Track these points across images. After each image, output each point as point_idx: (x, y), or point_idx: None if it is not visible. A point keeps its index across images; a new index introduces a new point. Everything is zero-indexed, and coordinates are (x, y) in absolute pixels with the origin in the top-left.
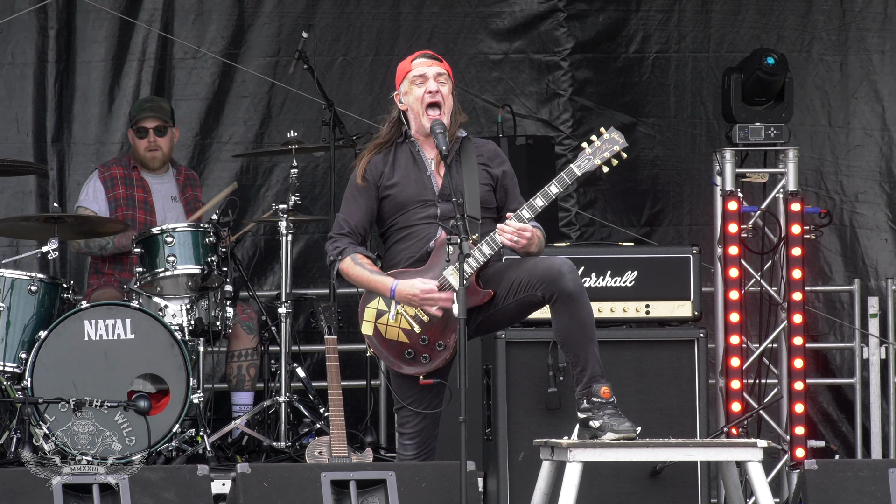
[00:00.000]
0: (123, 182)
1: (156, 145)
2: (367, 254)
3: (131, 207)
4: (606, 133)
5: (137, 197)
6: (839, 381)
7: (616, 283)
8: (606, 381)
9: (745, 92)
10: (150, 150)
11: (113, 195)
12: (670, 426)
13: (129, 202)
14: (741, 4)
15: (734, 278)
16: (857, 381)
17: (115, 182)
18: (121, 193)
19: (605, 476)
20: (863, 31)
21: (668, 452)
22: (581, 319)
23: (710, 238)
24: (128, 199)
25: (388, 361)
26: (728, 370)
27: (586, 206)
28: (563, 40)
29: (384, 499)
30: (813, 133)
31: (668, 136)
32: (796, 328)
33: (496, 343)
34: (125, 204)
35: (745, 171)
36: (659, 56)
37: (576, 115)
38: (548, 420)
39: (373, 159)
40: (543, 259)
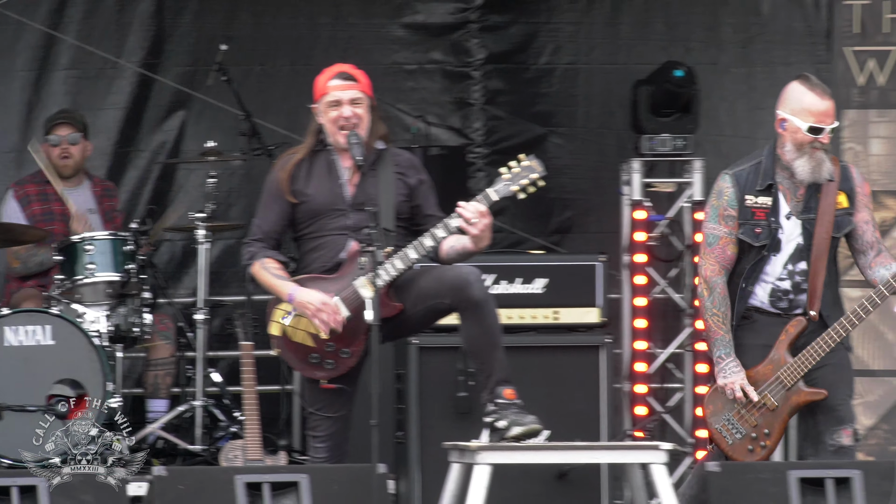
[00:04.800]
0: (39, 198)
1: (68, 152)
2: (278, 258)
3: (50, 221)
4: (525, 160)
5: (55, 210)
6: None
7: (525, 289)
8: (512, 385)
9: (653, 104)
10: (62, 157)
11: (30, 212)
12: (577, 429)
13: (46, 216)
14: (650, 18)
15: (640, 285)
16: None
17: (30, 199)
18: (37, 210)
19: (513, 478)
20: (768, 44)
21: (574, 455)
22: (488, 326)
23: (617, 246)
24: (45, 214)
25: (292, 363)
26: (633, 375)
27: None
28: (475, 51)
29: (297, 501)
30: (719, 143)
31: (578, 145)
32: (700, 334)
33: (408, 349)
34: (43, 219)
35: (653, 180)
36: (569, 67)
37: (488, 124)
38: (458, 424)
39: (289, 167)
40: (451, 268)
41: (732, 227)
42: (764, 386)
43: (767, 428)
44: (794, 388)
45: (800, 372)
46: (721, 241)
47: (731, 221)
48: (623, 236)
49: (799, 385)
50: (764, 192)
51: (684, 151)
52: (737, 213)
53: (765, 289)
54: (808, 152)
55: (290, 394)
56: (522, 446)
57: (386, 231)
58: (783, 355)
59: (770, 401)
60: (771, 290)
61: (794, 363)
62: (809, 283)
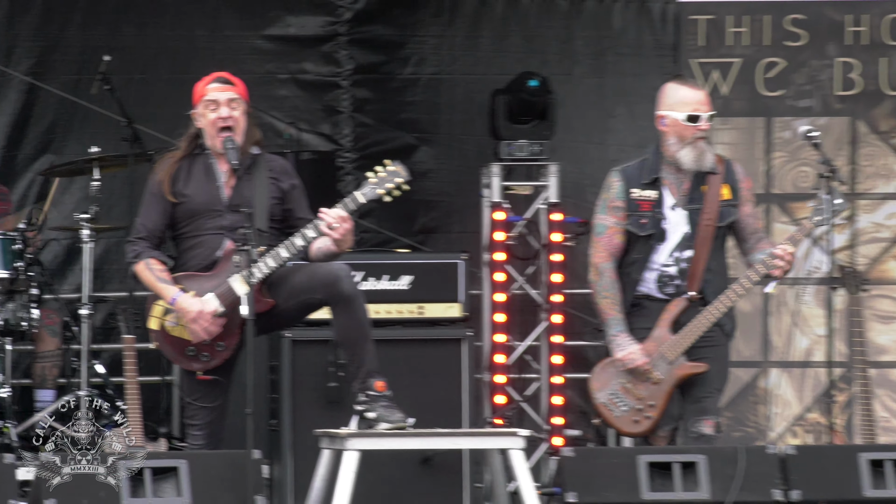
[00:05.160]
0: None
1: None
2: (161, 257)
3: None
4: (391, 165)
5: None
6: None
7: (392, 286)
8: (382, 376)
9: (510, 111)
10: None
11: None
12: (440, 417)
13: None
14: (508, 31)
15: (500, 282)
16: None
17: None
18: None
19: (381, 463)
20: (619, 57)
21: (437, 441)
22: (358, 320)
23: (478, 245)
24: None
25: (170, 356)
26: (493, 366)
27: (364, 215)
28: (344, 62)
29: (177, 485)
30: (573, 149)
31: (441, 151)
32: (556, 327)
33: (282, 341)
34: None
35: (511, 184)
36: (433, 78)
37: (356, 130)
38: (328, 412)
39: (169, 169)
40: (322, 265)
41: (620, 217)
42: (650, 361)
43: (652, 400)
44: (677, 362)
45: (681, 347)
46: (609, 231)
47: (618, 212)
48: (483, 236)
49: (681, 359)
50: (649, 186)
51: (540, 156)
52: (624, 205)
53: (653, 275)
54: (690, 142)
55: (170, 384)
56: (389, 433)
57: (260, 231)
58: (665, 332)
59: (654, 375)
60: (658, 276)
61: (676, 339)
62: (691, 267)
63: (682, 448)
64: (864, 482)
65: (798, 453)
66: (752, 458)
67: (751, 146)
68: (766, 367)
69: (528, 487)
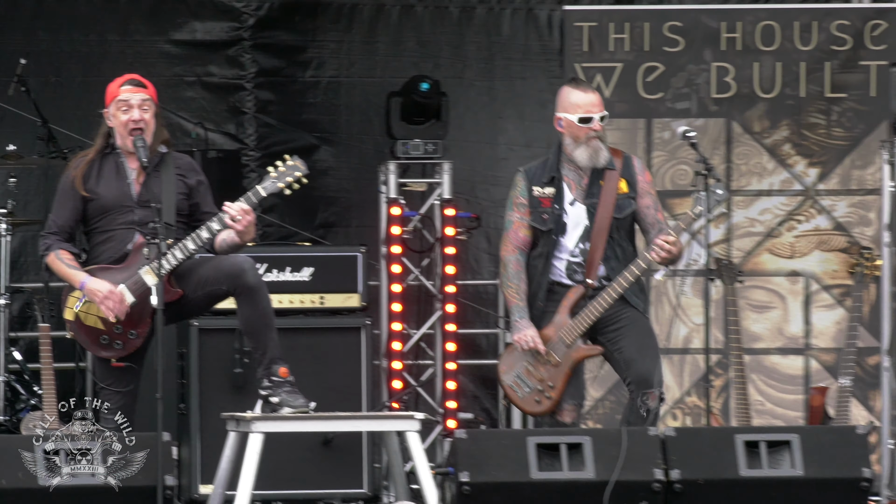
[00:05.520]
0: None
1: None
2: (71, 250)
3: None
4: (290, 160)
5: None
6: (485, 361)
7: (294, 277)
8: (285, 362)
9: (404, 112)
10: None
11: None
12: (340, 402)
13: None
14: (403, 36)
15: (396, 273)
16: None
17: None
18: None
19: (284, 445)
20: (508, 61)
21: (338, 424)
22: (262, 310)
23: (376, 238)
24: None
25: (85, 345)
26: (390, 353)
27: (268, 210)
28: (248, 65)
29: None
30: (465, 148)
31: (341, 150)
32: (449, 316)
33: (190, 330)
34: None
35: (407, 181)
36: (332, 80)
37: (259, 130)
38: (234, 397)
39: (81, 167)
40: (228, 258)
41: (524, 213)
42: (548, 345)
43: (552, 381)
44: (574, 345)
45: (578, 331)
46: (514, 226)
47: (522, 209)
48: (381, 230)
49: (577, 343)
50: (549, 184)
51: (434, 155)
52: (527, 202)
53: (562, 264)
54: (584, 142)
55: (84, 371)
56: (292, 416)
57: (168, 225)
58: (564, 318)
59: (553, 357)
60: (567, 265)
61: (573, 323)
62: (588, 257)
63: (569, 430)
64: (739, 462)
65: (678, 435)
66: (634, 439)
67: (632, 146)
68: None
69: (423, 467)
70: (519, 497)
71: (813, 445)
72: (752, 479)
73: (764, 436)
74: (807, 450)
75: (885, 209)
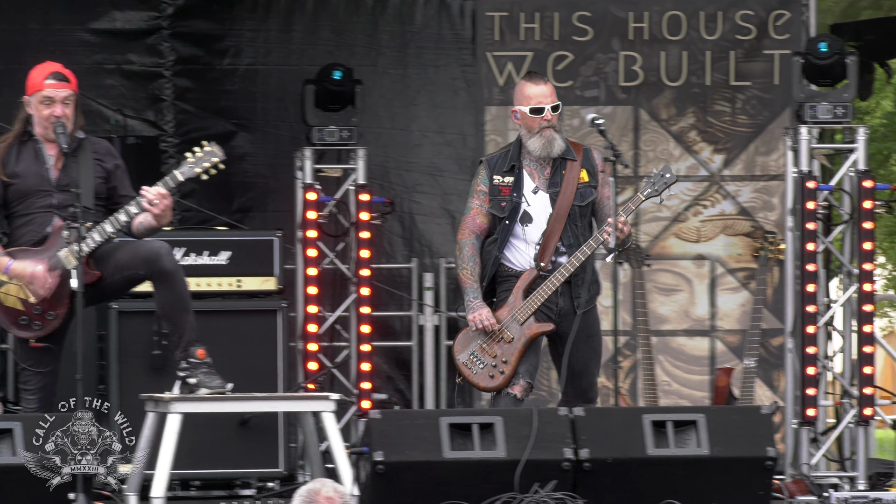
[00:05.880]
0: None
1: None
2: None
3: None
4: (207, 145)
5: None
6: (399, 343)
7: (212, 261)
8: (202, 344)
9: (319, 100)
10: None
11: None
12: (257, 383)
13: None
14: (318, 25)
15: (312, 257)
16: (415, 344)
17: None
18: None
19: (202, 425)
20: (421, 49)
21: (255, 405)
22: (178, 293)
23: (292, 223)
24: None
25: (4, 325)
26: (306, 335)
27: (185, 195)
28: (166, 53)
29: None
30: (379, 135)
31: (257, 136)
32: (364, 299)
33: (109, 312)
34: None
35: (322, 166)
36: (249, 68)
37: (178, 117)
38: (153, 378)
39: (0, 153)
40: (145, 242)
41: (483, 200)
42: (502, 323)
43: (505, 357)
44: (527, 322)
45: (530, 309)
46: (472, 212)
47: (482, 196)
48: (297, 215)
49: (530, 320)
50: (509, 173)
51: (349, 141)
52: (487, 190)
53: (528, 253)
54: (538, 132)
55: (4, 352)
56: (210, 397)
57: (86, 209)
58: (517, 298)
59: (507, 335)
60: (534, 256)
61: (526, 303)
62: (543, 242)
63: (481, 410)
64: (647, 442)
65: (587, 415)
66: (544, 419)
67: None
68: None
69: (338, 447)
70: (432, 476)
71: (718, 425)
72: (658, 458)
73: (670, 416)
74: (712, 429)
75: (788, 194)
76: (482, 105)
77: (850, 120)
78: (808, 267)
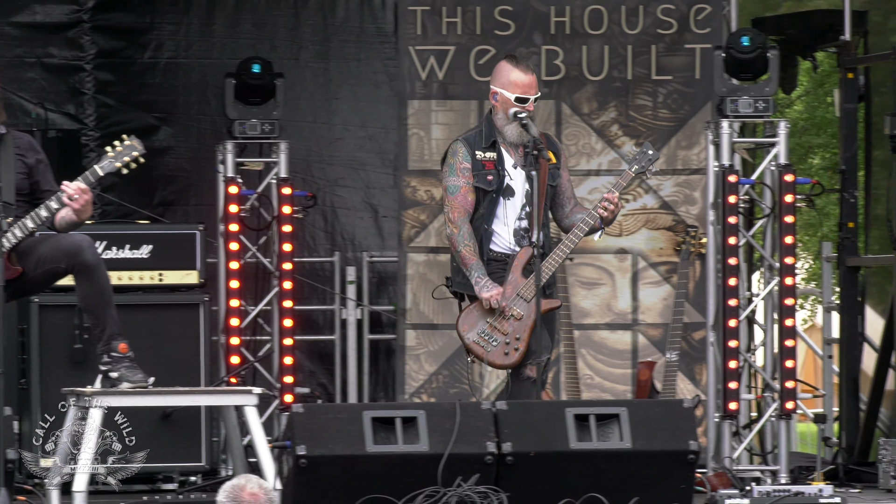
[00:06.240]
0: None
1: None
2: None
3: None
4: (128, 139)
5: None
6: (322, 337)
7: (134, 255)
8: (124, 338)
9: (239, 93)
10: None
11: None
12: (179, 377)
13: None
14: (240, 19)
15: (234, 251)
16: (337, 338)
17: None
18: None
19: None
20: (343, 42)
21: (176, 399)
22: (100, 287)
23: (214, 217)
24: None
25: None
26: (228, 329)
27: (107, 189)
28: (87, 47)
29: None
30: (301, 128)
31: (179, 130)
32: (286, 293)
33: (30, 306)
34: None
35: (244, 160)
36: (170, 62)
37: (99, 111)
38: (75, 372)
39: None
40: (67, 236)
41: (468, 177)
42: (509, 301)
43: (518, 334)
44: (533, 300)
45: (534, 287)
46: (462, 190)
47: (466, 173)
48: (219, 208)
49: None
50: (489, 149)
51: (271, 135)
52: (470, 166)
53: (508, 230)
54: (516, 120)
55: None
56: (131, 391)
57: (7, 204)
58: (518, 276)
59: (516, 312)
60: (514, 231)
61: (530, 281)
62: (529, 220)
63: (403, 404)
64: (570, 435)
65: (509, 408)
66: (467, 412)
67: (465, 126)
68: None
69: (260, 441)
70: (355, 470)
71: (641, 419)
72: (581, 452)
73: (593, 409)
74: (635, 423)
75: (710, 188)
76: (405, 99)
77: (771, 114)
78: (729, 261)
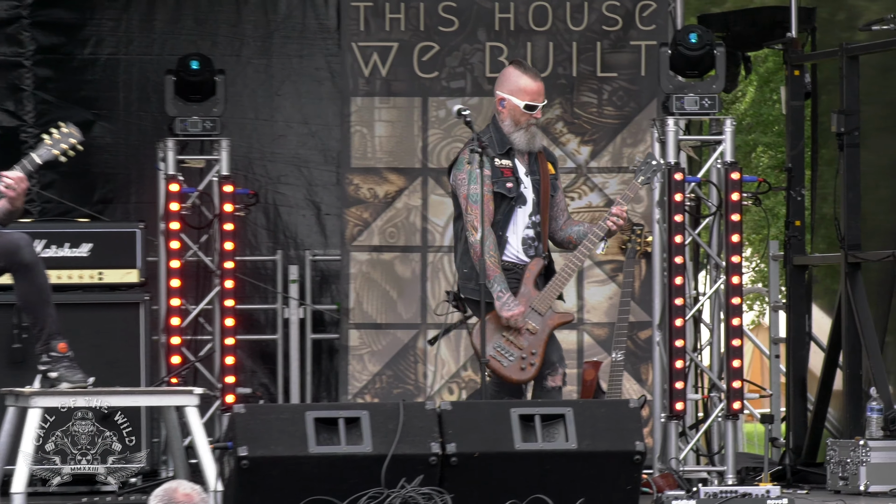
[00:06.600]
0: None
1: None
2: None
3: None
4: (65, 127)
5: None
6: (264, 337)
7: (73, 253)
8: (63, 338)
9: (180, 90)
10: None
11: None
12: (119, 377)
13: None
14: (181, 15)
15: (175, 249)
16: (280, 337)
17: None
18: None
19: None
20: (285, 39)
21: (117, 399)
22: (39, 285)
23: (155, 215)
24: None
25: None
26: (169, 328)
27: (46, 186)
28: (27, 43)
29: None
30: (243, 125)
31: (119, 126)
32: (228, 292)
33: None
34: None
35: (185, 157)
36: (110, 58)
37: (38, 107)
38: (13, 372)
39: None
40: (4, 234)
41: (489, 185)
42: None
43: (533, 349)
44: (548, 313)
45: (549, 300)
46: (486, 198)
47: (488, 181)
48: (160, 206)
49: (550, 311)
50: (504, 156)
51: (212, 132)
52: (490, 174)
53: (518, 239)
54: (524, 127)
55: None
56: (71, 391)
57: None
58: (531, 289)
59: (531, 326)
60: (522, 240)
61: (543, 294)
62: (540, 230)
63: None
64: (515, 436)
65: (454, 409)
66: (411, 413)
67: (409, 124)
68: (424, 328)
69: (202, 442)
70: (297, 471)
71: (586, 419)
72: (526, 453)
73: (538, 409)
74: (580, 423)
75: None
76: (347, 96)
77: (717, 111)
78: (675, 259)
